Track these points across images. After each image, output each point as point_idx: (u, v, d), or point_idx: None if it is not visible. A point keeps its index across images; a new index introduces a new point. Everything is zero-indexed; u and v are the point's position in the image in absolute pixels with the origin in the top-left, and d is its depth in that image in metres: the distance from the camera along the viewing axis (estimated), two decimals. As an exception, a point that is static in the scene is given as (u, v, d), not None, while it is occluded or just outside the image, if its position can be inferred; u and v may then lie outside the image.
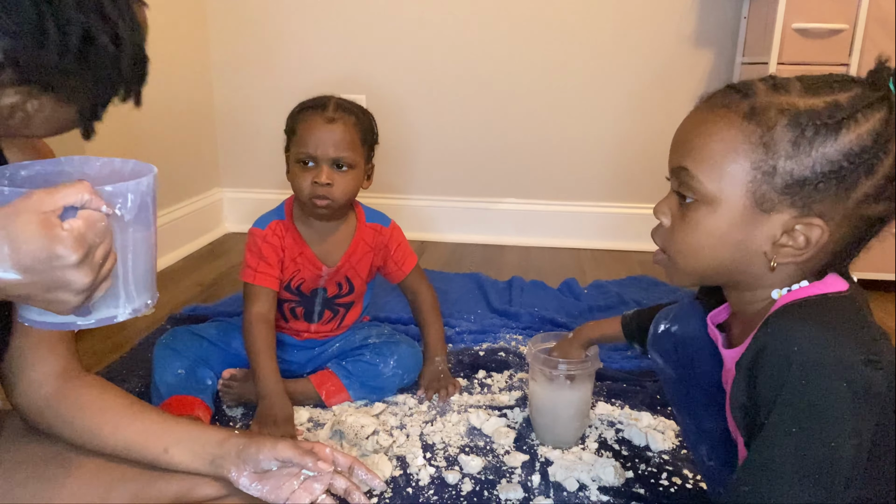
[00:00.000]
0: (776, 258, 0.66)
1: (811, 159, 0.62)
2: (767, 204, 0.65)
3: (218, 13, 2.32)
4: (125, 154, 2.10)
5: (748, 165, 0.64)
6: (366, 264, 1.32)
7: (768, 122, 0.63)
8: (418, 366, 1.33)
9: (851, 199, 0.63)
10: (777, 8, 1.77)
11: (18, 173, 0.61)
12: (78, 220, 0.51)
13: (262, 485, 0.72)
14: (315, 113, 1.20)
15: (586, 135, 2.29)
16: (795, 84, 0.65)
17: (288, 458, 0.72)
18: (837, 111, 0.62)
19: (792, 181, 0.63)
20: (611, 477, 1.05)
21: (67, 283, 0.51)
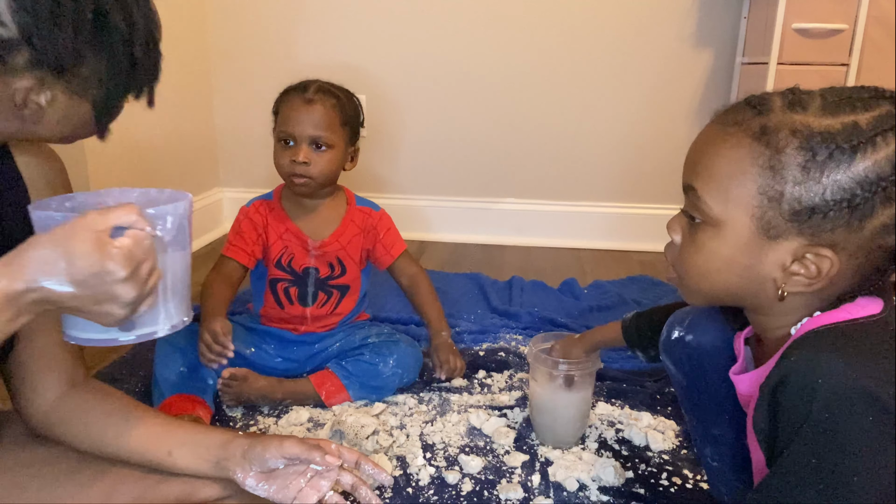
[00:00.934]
0: (786, 287, 0.63)
1: (822, 186, 0.58)
2: (774, 231, 0.61)
3: (218, 13, 2.32)
4: (125, 153, 2.12)
5: (754, 189, 0.61)
6: (357, 246, 1.34)
7: (778, 144, 0.60)
8: (418, 365, 1.33)
9: (867, 230, 0.59)
10: (777, 8, 1.78)
11: (63, 204, 0.66)
12: (126, 239, 0.55)
13: (269, 484, 0.72)
14: (296, 94, 1.26)
15: (586, 135, 2.29)
16: (816, 101, 0.61)
17: (295, 454, 0.72)
18: (855, 134, 0.58)
19: (800, 208, 0.60)
20: (611, 477, 1.05)
21: (116, 297, 0.55)
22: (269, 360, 1.32)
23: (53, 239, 0.53)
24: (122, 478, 0.75)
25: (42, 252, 0.53)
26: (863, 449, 0.56)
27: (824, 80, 0.87)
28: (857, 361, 0.58)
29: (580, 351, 1.13)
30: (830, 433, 0.57)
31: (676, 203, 0.74)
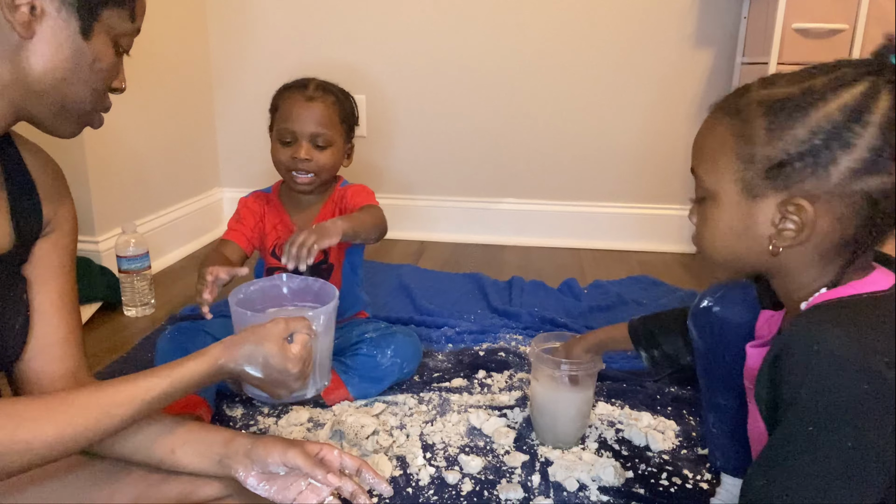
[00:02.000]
0: (777, 242, 0.68)
1: (784, 142, 0.65)
2: (756, 190, 0.68)
3: (218, 13, 2.32)
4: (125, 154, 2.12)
5: (734, 157, 0.69)
6: None
7: (747, 115, 0.68)
8: (417, 355, 1.34)
9: (834, 175, 0.64)
10: (777, 8, 1.78)
11: (249, 289, 1.04)
12: (298, 346, 0.81)
13: (270, 485, 0.73)
14: (296, 91, 1.27)
15: (586, 135, 2.29)
16: (784, 76, 0.68)
17: (297, 466, 0.72)
18: (809, 93, 0.64)
19: (770, 165, 0.66)
20: (611, 477, 1.05)
21: (287, 385, 0.82)
22: None
23: (256, 338, 0.78)
24: (122, 478, 0.76)
25: (249, 346, 0.77)
26: (857, 416, 0.59)
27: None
28: (854, 332, 0.61)
29: (581, 350, 1.13)
30: (826, 400, 0.60)
31: (676, 203, 0.79)
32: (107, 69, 0.72)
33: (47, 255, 0.77)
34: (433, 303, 1.75)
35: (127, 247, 1.66)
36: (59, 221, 0.79)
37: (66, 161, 1.86)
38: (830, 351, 0.60)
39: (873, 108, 0.63)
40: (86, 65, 0.69)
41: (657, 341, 1.05)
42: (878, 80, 0.63)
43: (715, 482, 1.05)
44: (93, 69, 0.70)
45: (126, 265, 1.66)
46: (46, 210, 0.77)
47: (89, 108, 0.73)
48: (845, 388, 0.59)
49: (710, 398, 0.96)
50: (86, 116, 0.74)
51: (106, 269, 1.73)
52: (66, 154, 1.75)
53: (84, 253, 1.76)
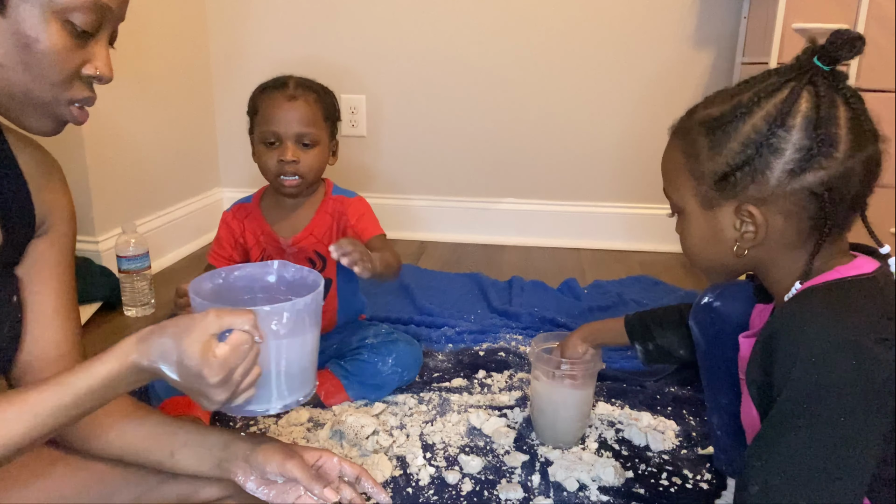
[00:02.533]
0: (741, 244, 0.74)
1: (723, 156, 0.71)
2: (711, 202, 0.74)
3: (218, 13, 2.32)
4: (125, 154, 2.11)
5: (687, 175, 0.76)
6: (332, 235, 1.30)
7: (691, 136, 0.75)
8: (417, 363, 1.33)
9: (773, 179, 0.69)
10: (777, 8, 1.78)
11: (232, 273, 0.79)
12: (224, 347, 0.61)
13: (269, 489, 0.73)
14: (276, 91, 1.23)
15: (586, 135, 2.29)
16: (721, 94, 0.75)
17: (295, 478, 0.72)
18: (738, 108, 0.70)
19: (717, 178, 0.72)
20: (611, 477, 1.05)
21: (207, 395, 0.63)
22: None
23: (175, 331, 0.61)
24: (123, 477, 0.75)
25: (165, 340, 0.61)
26: (848, 391, 0.62)
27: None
28: (841, 311, 0.65)
29: (578, 340, 1.13)
30: (816, 378, 0.63)
31: None
32: (56, 52, 0.62)
33: (44, 255, 0.74)
34: (433, 303, 1.75)
35: (127, 247, 1.66)
36: (55, 220, 0.75)
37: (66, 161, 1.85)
38: (819, 330, 0.64)
39: (794, 112, 0.68)
40: (13, 46, 0.60)
41: (652, 335, 1.07)
42: (798, 84, 0.68)
43: (715, 482, 1.05)
44: (30, 52, 0.61)
45: (126, 265, 1.66)
46: (39, 208, 0.73)
47: (49, 99, 0.64)
48: (834, 365, 0.62)
49: (713, 399, 0.97)
50: (50, 109, 0.65)
51: (106, 269, 1.73)
52: (67, 154, 1.75)
53: (84, 253, 1.76)
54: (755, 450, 0.68)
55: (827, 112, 0.67)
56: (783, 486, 0.64)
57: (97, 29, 0.65)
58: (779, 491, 0.64)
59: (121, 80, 2.07)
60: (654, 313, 1.10)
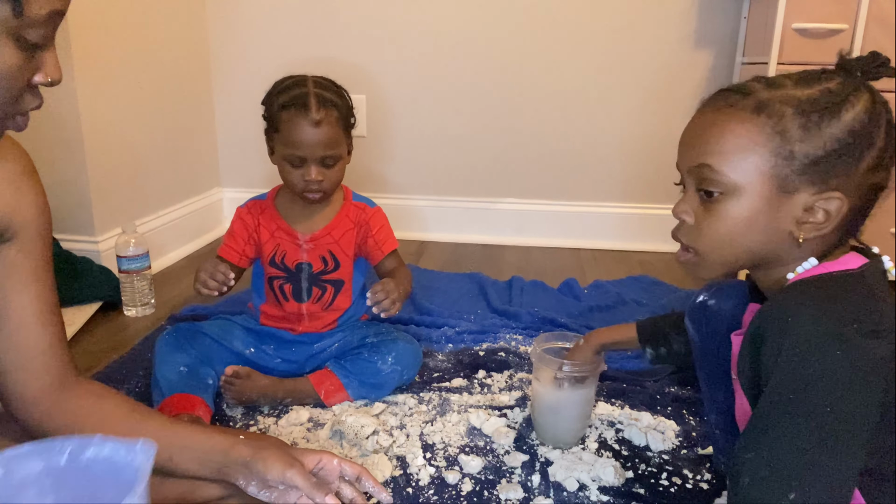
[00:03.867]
0: (801, 234, 0.72)
1: (821, 140, 0.69)
2: (790, 186, 0.71)
3: (218, 13, 2.32)
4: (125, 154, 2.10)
5: (767, 153, 0.71)
6: (350, 240, 1.33)
7: (777, 113, 0.71)
8: (417, 362, 1.33)
9: (859, 170, 0.70)
10: (777, 8, 1.77)
11: (83, 452, 0.57)
12: None
13: (270, 492, 0.72)
14: (299, 114, 1.21)
15: (586, 135, 2.29)
16: (787, 79, 0.73)
17: (296, 486, 0.71)
18: (832, 96, 0.70)
19: (808, 161, 0.70)
20: (611, 477, 1.05)
21: None
22: (269, 361, 1.32)
23: None
24: None
25: None
26: (833, 382, 0.63)
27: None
28: (826, 303, 0.67)
29: (591, 353, 1.13)
30: (802, 369, 0.64)
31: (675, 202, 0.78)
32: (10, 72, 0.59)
33: (15, 263, 0.71)
34: (433, 303, 1.75)
35: (127, 247, 1.66)
36: (20, 225, 0.70)
37: (66, 161, 1.87)
38: (803, 322, 0.65)
39: (881, 113, 0.71)
40: None
41: (667, 339, 1.07)
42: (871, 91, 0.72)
43: (715, 482, 1.05)
44: None
45: (126, 265, 1.66)
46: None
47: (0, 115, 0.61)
48: (819, 356, 0.64)
49: (710, 395, 0.97)
50: None
51: (106, 269, 1.73)
52: (67, 154, 1.75)
53: (84, 253, 1.76)
54: (745, 441, 0.68)
55: (892, 120, 0.72)
56: (772, 476, 0.64)
57: (51, 39, 0.62)
58: (768, 482, 0.65)
59: (121, 79, 2.09)
60: (668, 319, 1.09)
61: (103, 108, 1.82)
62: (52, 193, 1.90)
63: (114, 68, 1.85)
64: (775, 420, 0.65)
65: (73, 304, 1.64)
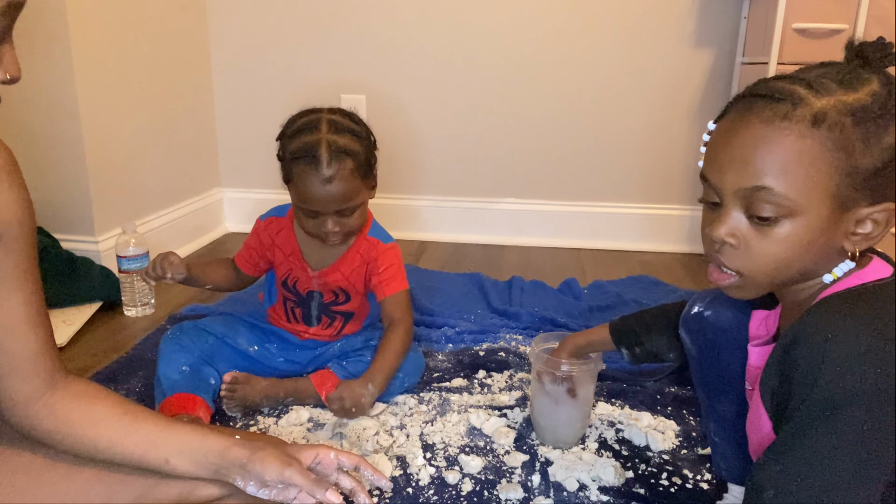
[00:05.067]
0: (854, 247, 0.69)
1: (879, 150, 0.65)
2: (848, 202, 0.66)
3: (218, 13, 2.32)
4: (124, 153, 2.10)
5: (832, 170, 0.65)
6: (359, 276, 1.31)
7: (838, 125, 0.64)
8: (419, 368, 1.33)
9: None
10: (777, 8, 1.78)
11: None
12: None
13: (270, 490, 0.72)
14: (310, 169, 1.14)
15: (586, 135, 2.29)
16: (829, 82, 0.66)
17: (296, 484, 0.71)
18: (880, 100, 0.65)
19: (868, 175, 0.65)
20: (611, 477, 1.05)
21: None
22: (272, 360, 1.32)
23: None
24: (121, 478, 0.75)
25: None
26: (871, 400, 0.61)
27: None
28: (865, 319, 0.63)
29: (565, 357, 1.11)
30: (841, 386, 0.61)
31: (677, 203, 0.78)
32: None
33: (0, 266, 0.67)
34: (433, 303, 1.75)
35: (127, 247, 1.66)
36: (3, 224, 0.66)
37: (66, 161, 1.87)
38: (845, 337, 0.62)
39: None
40: None
41: (640, 339, 1.05)
42: None
43: (715, 482, 1.05)
44: None
45: (126, 265, 1.66)
46: None
47: None
48: (859, 374, 0.61)
49: (709, 406, 0.95)
50: None
51: (106, 269, 1.73)
52: (66, 154, 1.75)
53: (84, 253, 1.76)
54: (772, 454, 0.66)
55: None
56: (801, 492, 0.63)
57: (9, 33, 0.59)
58: (796, 497, 0.63)
59: (121, 79, 2.08)
60: (639, 318, 1.07)
61: (103, 109, 1.82)
62: (52, 193, 1.91)
63: (114, 68, 1.85)
64: (809, 435, 0.63)
65: (73, 304, 1.64)
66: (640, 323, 1.06)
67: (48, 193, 1.78)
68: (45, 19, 1.62)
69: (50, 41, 1.64)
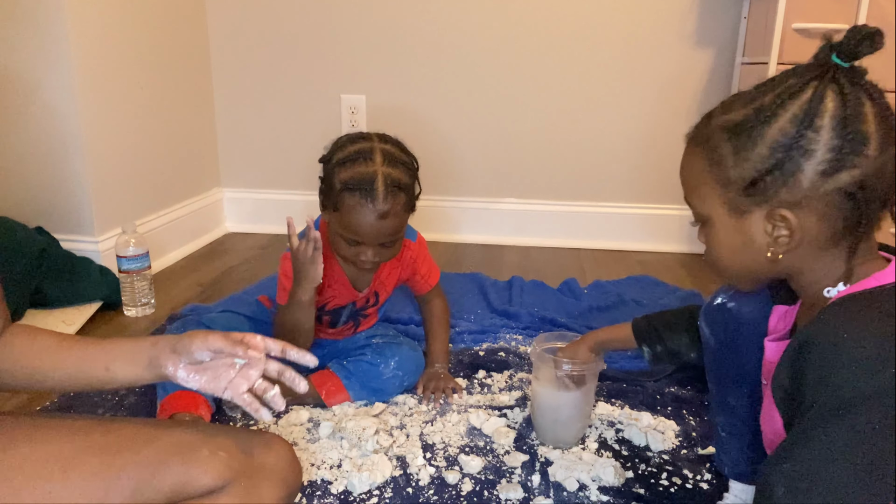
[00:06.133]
0: (775, 249, 0.72)
1: (751, 162, 0.70)
2: (741, 208, 0.73)
3: (218, 13, 2.32)
4: (125, 154, 2.10)
5: (712, 182, 0.74)
6: (393, 279, 1.34)
7: (713, 143, 0.73)
8: (419, 368, 1.33)
9: (804, 182, 0.68)
10: (777, 8, 1.78)
11: None
12: None
13: (200, 375, 0.76)
14: (364, 202, 1.10)
15: (586, 135, 2.29)
16: (739, 98, 0.73)
17: (219, 347, 0.76)
18: (761, 112, 0.69)
19: (746, 184, 0.71)
20: (611, 477, 1.05)
21: None
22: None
23: None
24: (116, 473, 0.75)
25: None
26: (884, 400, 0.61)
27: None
28: (883, 320, 0.64)
29: (587, 351, 1.13)
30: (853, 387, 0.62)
31: (676, 203, 0.82)
32: None
33: None
34: (433, 303, 1.75)
35: (127, 247, 1.66)
36: None
37: (66, 161, 1.86)
38: (862, 338, 0.63)
39: (822, 112, 0.66)
40: None
41: (661, 337, 1.07)
42: (821, 83, 0.67)
43: (715, 482, 1.05)
44: None
45: (126, 265, 1.66)
46: None
47: None
48: (872, 376, 0.62)
49: (720, 399, 0.95)
50: None
51: (106, 269, 1.73)
52: (67, 154, 1.75)
53: (84, 253, 1.76)
54: (784, 452, 0.67)
55: (854, 109, 0.66)
56: (811, 490, 0.64)
57: None
58: (806, 494, 0.64)
59: (121, 79, 2.08)
60: (663, 316, 1.09)
61: (103, 108, 1.82)
62: (53, 193, 1.91)
63: (113, 68, 1.85)
64: (820, 433, 0.64)
65: (73, 304, 1.64)
66: (663, 321, 1.08)
67: (48, 193, 1.78)
68: (45, 19, 1.62)
69: (50, 41, 1.64)
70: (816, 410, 0.64)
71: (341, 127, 2.30)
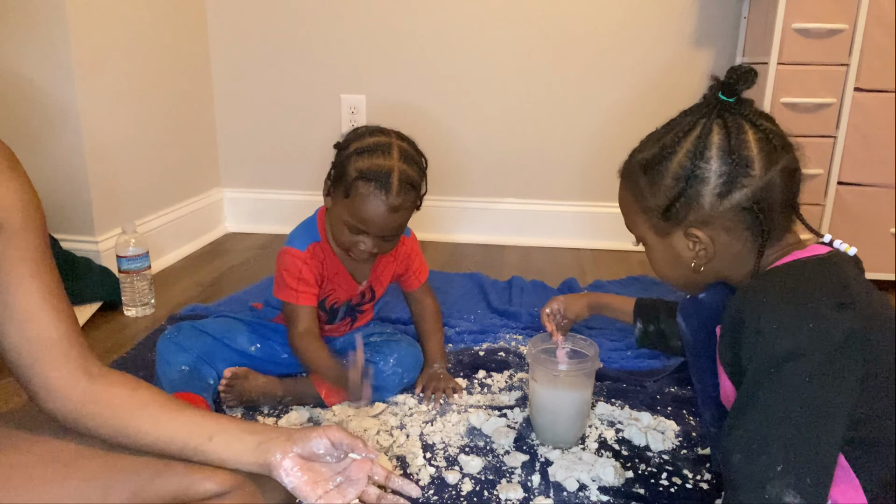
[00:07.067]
0: (697, 262, 0.85)
1: (661, 190, 0.83)
2: (663, 231, 0.86)
3: (218, 13, 2.32)
4: (125, 153, 2.10)
5: (638, 210, 0.88)
6: (388, 273, 1.35)
7: (634, 177, 0.87)
8: (418, 365, 1.33)
9: (707, 204, 0.80)
10: (777, 8, 1.78)
11: None
12: None
13: (303, 473, 0.75)
14: (378, 193, 1.12)
15: (586, 135, 2.29)
16: (651, 138, 0.87)
17: (339, 439, 0.76)
18: (665, 149, 0.82)
19: (661, 210, 0.83)
20: (611, 477, 1.05)
21: None
22: (276, 356, 1.32)
23: None
24: (117, 474, 0.75)
25: None
26: (807, 353, 0.69)
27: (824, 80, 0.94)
28: (796, 284, 0.74)
29: (582, 306, 1.25)
30: (778, 344, 0.70)
31: None
32: None
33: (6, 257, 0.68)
34: (433, 303, 1.75)
35: (127, 247, 1.66)
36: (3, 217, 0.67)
37: (66, 161, 1.86)
38: (778, 302, 0.73)
39: (710, 144, 0.79)
40: None
41: (657, 317, 1.17)
42: (708, 120, 0.79)
43: (715, 482, 1.05)
44: None
45: (126, 265, 1.66)
46: None
47: None
48: (796, 331, 0.70)
49: (704, 394, 0.97)
50: None
51: (106, 269, 1.73)
52: (67, 154, 1.75)
53: (84, 253, 1.76)
54: (733, 420, 0.72)
55: (737, 139, 0.78)
56: (762, 450, 0.68)
57: None
58: (758, 455, 0.68)
59: (121, 79, 2.08)
60: (665, 301, 1.20)
61: (103, 109, 1.82)
62: (53, 193, 1.91)
63: (113, 68, 1.85)
64: (759, 396, 0.70)
65: (73, 304, 1.64)
66: (666, 306, 1.19)
67: (48, 193, 1.78)
68: (45, 19, 1.62)
69: (50, 41, 1.64)
70: (751, 375, 0.72)
71: (341, 127, 2.30)
